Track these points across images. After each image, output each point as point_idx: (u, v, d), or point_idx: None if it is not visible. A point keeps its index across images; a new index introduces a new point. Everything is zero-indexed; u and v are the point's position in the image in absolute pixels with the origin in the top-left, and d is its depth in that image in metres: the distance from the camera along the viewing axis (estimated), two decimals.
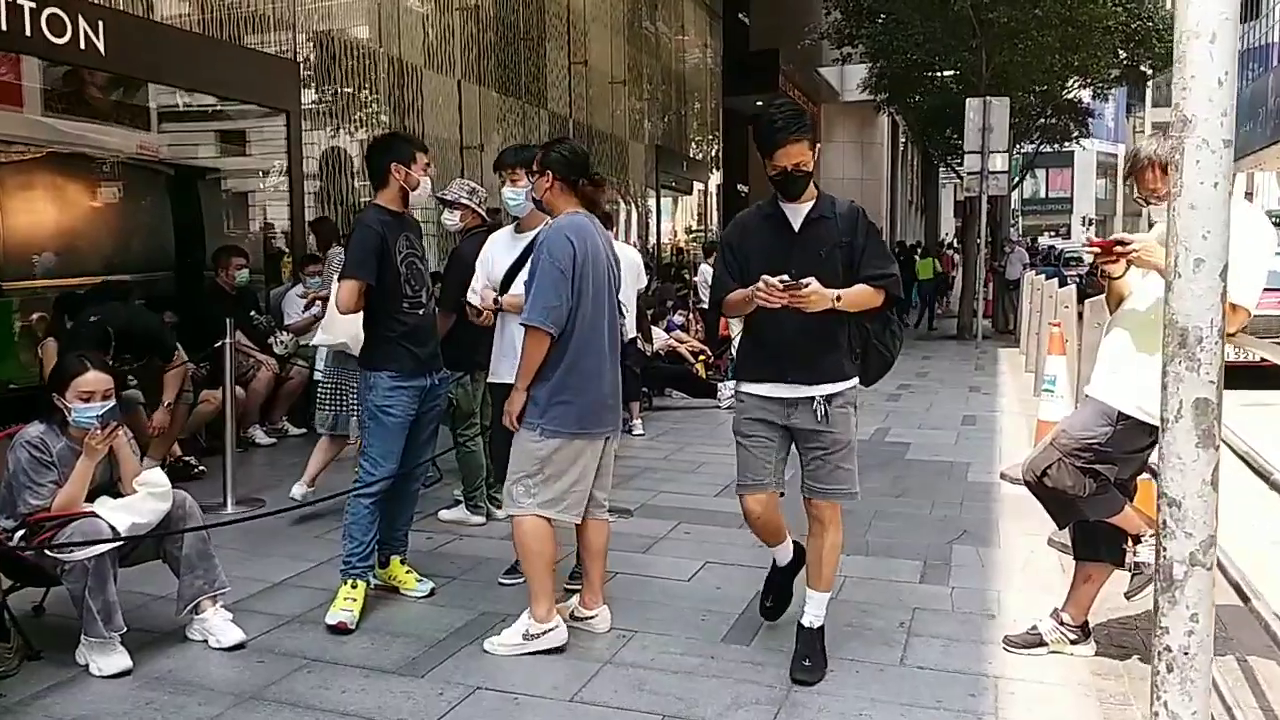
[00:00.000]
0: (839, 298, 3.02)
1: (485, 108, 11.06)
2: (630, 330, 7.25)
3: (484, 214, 4.97)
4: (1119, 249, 3.10)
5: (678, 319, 10.70)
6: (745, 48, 20.63)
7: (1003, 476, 6.03)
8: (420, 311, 3.74)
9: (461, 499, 5.13)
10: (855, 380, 3.26)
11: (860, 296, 3.12)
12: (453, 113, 10.59)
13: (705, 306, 11.18)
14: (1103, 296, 5.81)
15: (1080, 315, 10.43)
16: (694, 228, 20.00)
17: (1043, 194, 67.62)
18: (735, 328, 11.00)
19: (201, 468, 5.96)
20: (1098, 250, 3.17)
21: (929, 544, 4.70)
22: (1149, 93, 66.36)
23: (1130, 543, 3.35)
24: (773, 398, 3.22)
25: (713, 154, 20.75)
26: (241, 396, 6.75)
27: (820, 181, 3.48)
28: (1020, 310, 15.17)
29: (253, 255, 7.63)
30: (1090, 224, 65.67)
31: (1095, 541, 3.42)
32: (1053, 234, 57.40)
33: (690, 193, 19.97)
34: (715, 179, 21.08)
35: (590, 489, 3.47)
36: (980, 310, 15.53)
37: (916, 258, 20.14)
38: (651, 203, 16.92)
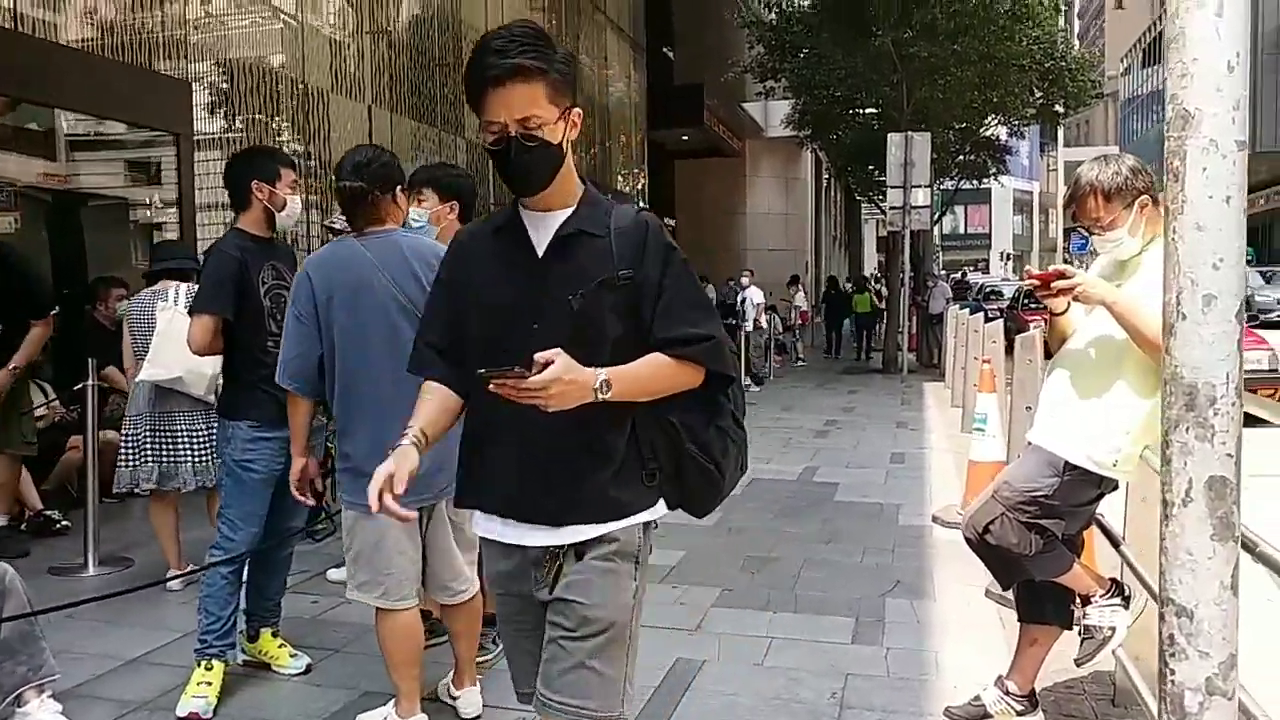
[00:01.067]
0: (605, 384, 1.72)
1: (399, 135, 10.63)
2: None
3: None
4: (1060, 283, 2.83)
5: None
6: (669, 81, 20.56)
7: (935, 520, 5.78)
8: None
9: None
10: (642, 516, 1.94)
11: (650, 376, 1.82)
12: (362, 139, 10.13)
13: None
14: (1033, 333, 5.65)
15: (1009, 350, 10.42)
16: None
17: (962, 229, 69.42)
18: None
19: (65, 523, 5.36)
20: (1036, 284, 2.90)
21: (860, 597, 4.38)
22: (1060, 133, 69.10)
23: (1079, 603, 3.07)
24: (503, 544, 1.93)
25: (638, 188, 20.56)
26: (118, 440, 6.16)
27: (745, 215, 2.98)
28: (944, 344, 15.21)
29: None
30: (1008, 258, 67.59)
31: (1041, 602, 3.13)
32: (971, 268, 58.88)
33: None
34: None
35: (429, 567, 2.99)
36: (905, 344, 15.51)
37: (851, 292, 20.33)
38: None
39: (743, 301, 14.25)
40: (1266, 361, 9.30)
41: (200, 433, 4.34)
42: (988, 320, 10.74)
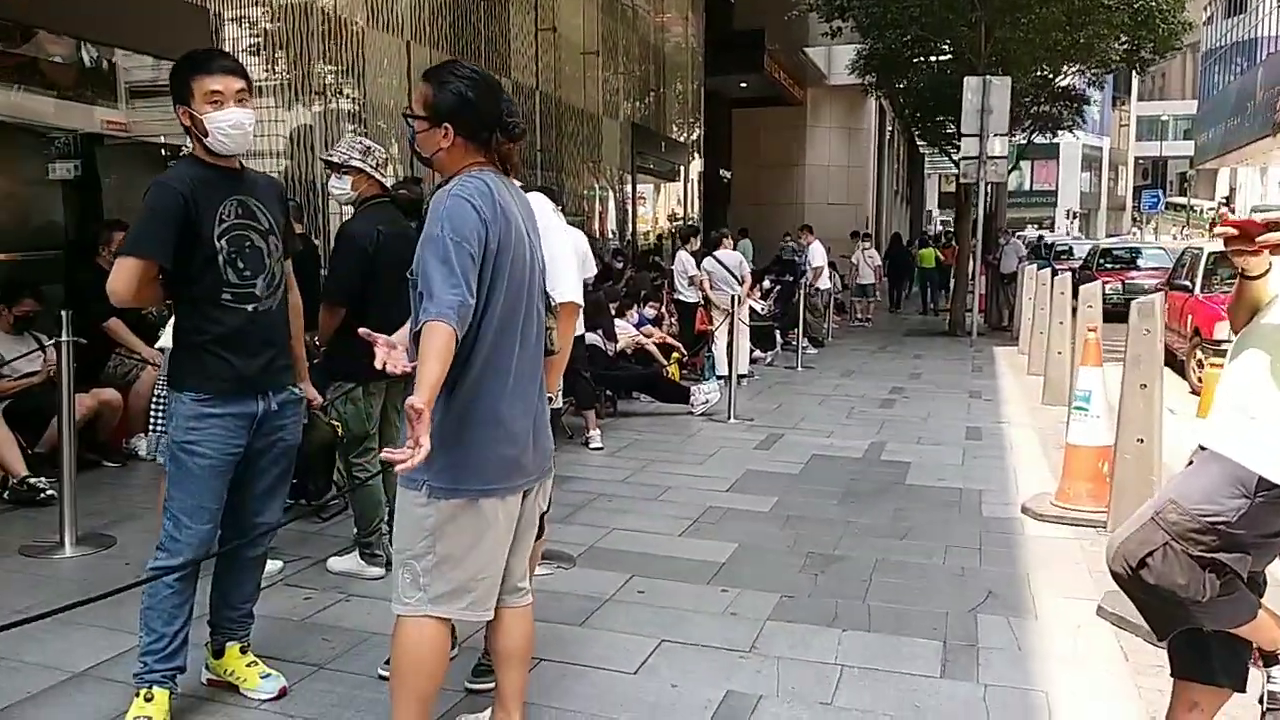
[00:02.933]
0: None
1: None
2: (578, 327, 6.21)
3: (383, 180, 3.90)
4: (1271, 235, 2.07)
5: (648, 312, 9.63)
6: (729, 26, 19.54)
7: (1025, 511, 5.03)
8: (251, 306, 2.66)
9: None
10: None
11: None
12: (400, 77, 9.47)
13: (680, 297, 10.16)
14: (1154, 298, 4.81)
15: (1074, 311, 9.50)
16: (676, 215, 18.92)
17: (1027, 186, 66.93)
18: (717, 320, 10.04)
19: (50, 492, 4.85)
20: (1233, 233, 2.15)
21: (947, 611, 3.68)
22: (1134, 85, 66.00)
23: (1260, 661, 2.35)
24: None
25: (694, 138, 19.66)
26: (118, 401, 5.67)
27: (804, 167, 2.36)
28: (1017, 306, 14.24)
29: None
30: (1075, 217, 65.14)
31: (1207, 656, 2.40)
32: (1037, 226, 56.84)
33: (674, 179, 18.89)
34: (696, 164, 19.99)
35: (506, 568, 2.40)
36: (975, 305, 14.56)
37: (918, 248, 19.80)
38: (628, 186, 15.82)
39: (804, 259, 13.41)
40: None
41: None
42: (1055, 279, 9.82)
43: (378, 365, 2.08)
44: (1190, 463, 2.47)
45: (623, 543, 4.48)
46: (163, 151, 7.17)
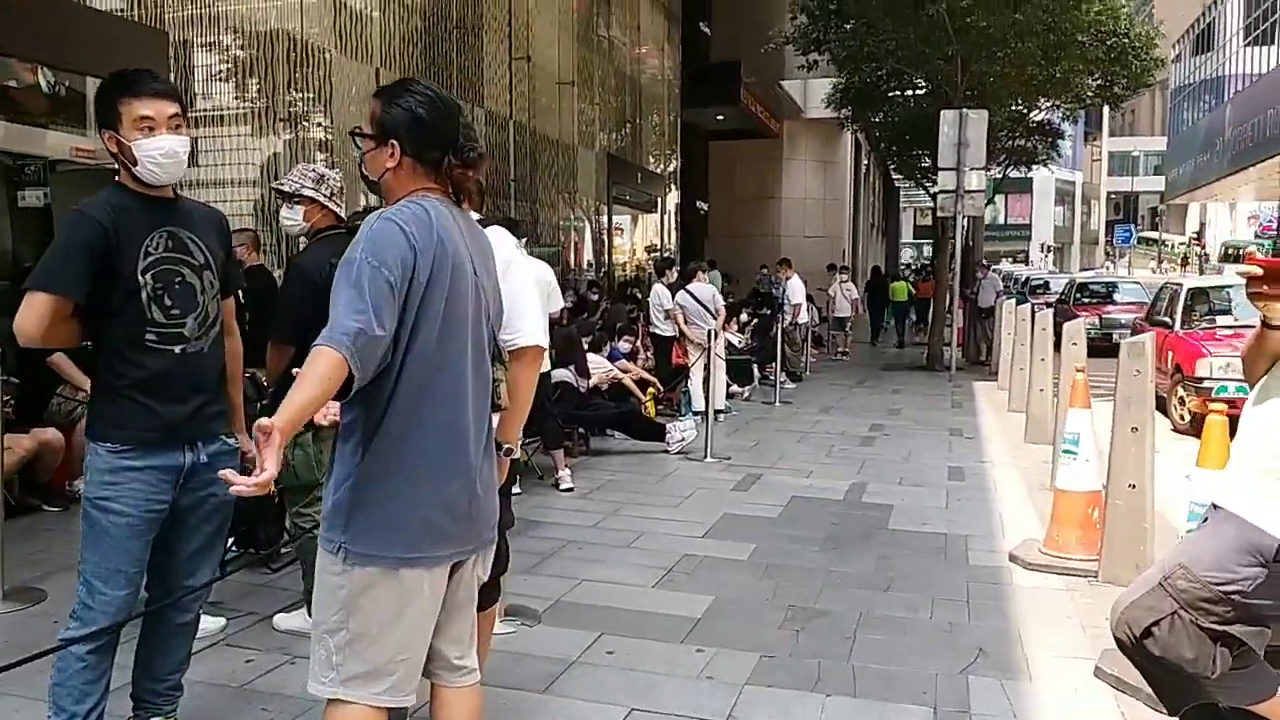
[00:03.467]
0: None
1: None
2: (545, 363, 5.98)
3: (338, 210, 3.68)
4: None
5: (623, 346, 9.42)
6: (706, 58, 19.57)
7: (1013, 559, 4.82)
8: (179, 348, 2.42)
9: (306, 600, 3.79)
10: None
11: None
12: (367, 106, 9.26)
13: (656, 331, 9.97)
14: (1144, 339, 4.63)
15: (1056, 346, 9.36)
16: (653, 247, 18.79)
17: (1002, 219, 67.64)
18: (693, 355, 9.85)
19: None
20: (1258, 272, 1.97)
21: (936, 673, 3.45)
22: (1105, 122, 67.05)
23: None
24: None
25: (670, 170, 19.59)
26: (59, 442, 5.37)
27: (781, 200, 2.20)
28: (995, 341, 14.15)
29: None
30: (1049, 251, 65.83)
31: None
32: (1011, 260, 57.38)
33: (651, 210, 18.78)
34: (673, 196, 19.91)
35: (436, 648, 2.16)
36: (953, 340, 14.46)
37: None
38: (604, 218, 15.67)
39: (783, 293, 13.27)
40: None
41: None
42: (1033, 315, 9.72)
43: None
44: (1204, 520, 2.28)
45: (592, 595, 4.22)
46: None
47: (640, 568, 4.62)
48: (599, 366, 7.88)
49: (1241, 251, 45.75)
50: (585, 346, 7.88)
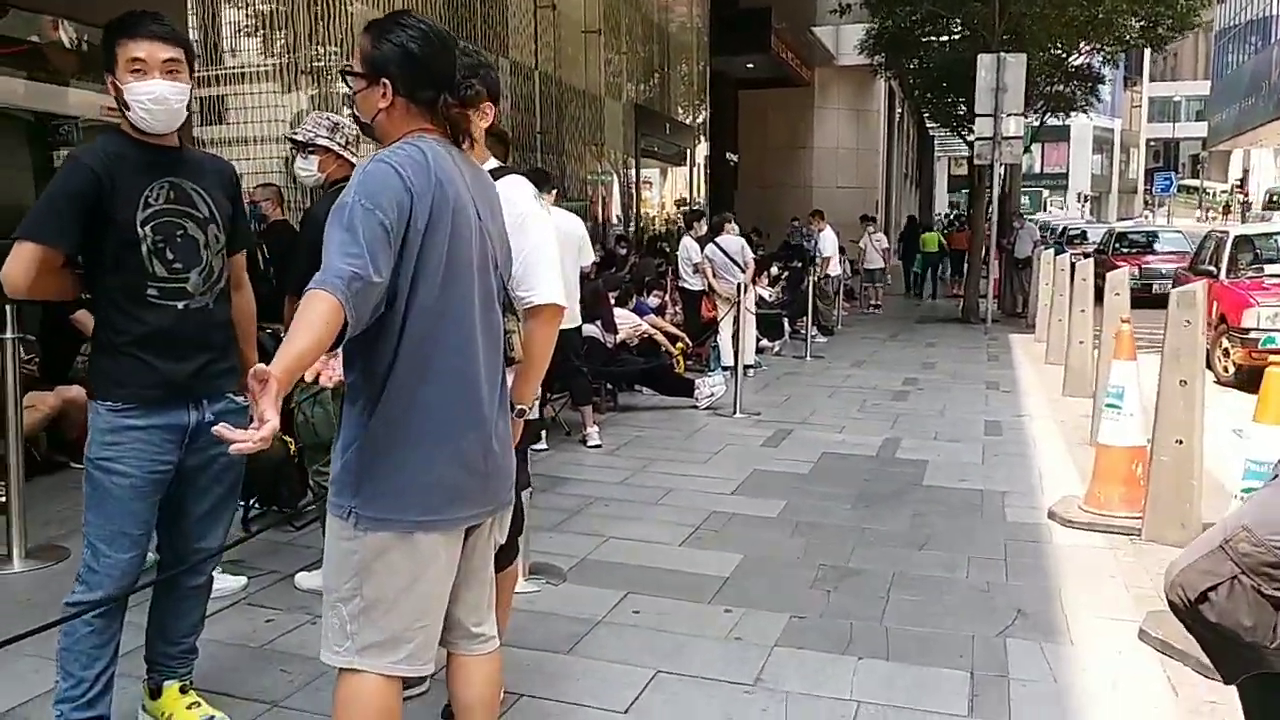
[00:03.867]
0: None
1: None
2: (572, 317, 5.86)
3: (353, 159, 3.56)
4: None
5: (651, 300, 9.29)
6: (735, 4, 19.10)
7: (1052, 516, 4.68)
8: (182, 304, 2.33)
9: None
10: None
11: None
12: None
13: (685, 285, 9.81)
14: (1196, 287, 4.42)
15: (1099, 297, 9.05)
16: (682, 199, 18.52)
17: (1038, 168, 66.24)
18: (722, 309, 9.69)
19: (1, 499, 4.52)
20: None
21: (973, 635, 3.34)
22: (1145, 66, 65.13)
23: None
24: None
25: (699, 120, 19.24)
26: (84, 399, 5.33)
27: (812, 150, 2.01)
28: (1032, 292, 13.84)
29: None
30: (1086, 200, 64.51)
31: None
32: (1045, 210, 56.28)
33: (680, 162, 18.48)
34: (702, 148, 19.57)
35: (453, 615, 2.07)
36: (989, 291, 14.16)
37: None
38: (632, 170, 15.43)
39: (815, 245, 13.04)
40: None
41: None
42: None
43: (308, 376, 1.75)
44: (1275, 477, 2.12)
45: (618, 554, 4.14)
46: None
47: (668, 525, 4.53)
48: (626, 321, 7.76)
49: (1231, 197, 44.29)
50: (612, 301, 7.75)
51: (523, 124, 11.27)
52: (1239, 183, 57.87)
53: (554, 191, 5.94)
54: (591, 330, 6.61)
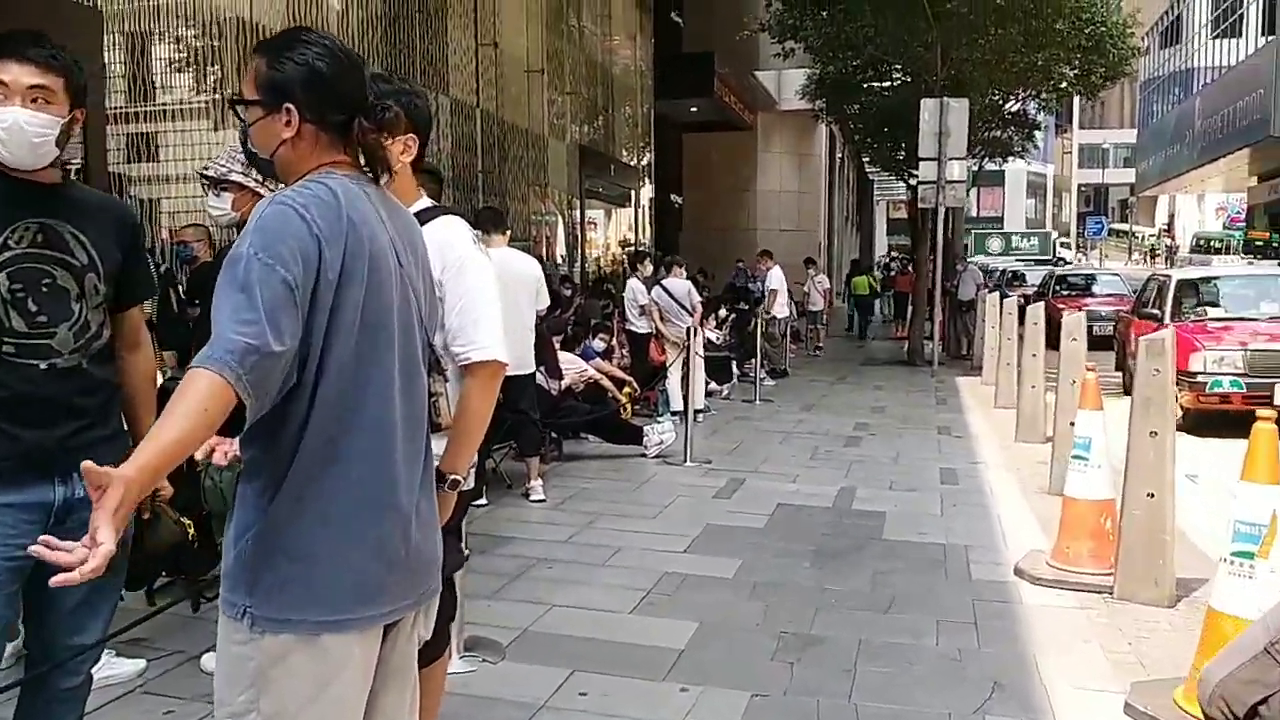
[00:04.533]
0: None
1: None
2: (525, 363, 5.57)
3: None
4: None
5: (597, 344, 9.01)
6: (678, 49, 19.16)
7: (1019, 574, 4.47)
8: (45, 363, 1.99)
9: None
10: None
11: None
12: None
13: (632, 328, 9.58)
14: (1163, 335, 4.27)
15: (1020, 337, 9.02)
16: (627, 241, 18.37)
17: (973, 213, 67.81)
18: (671, 353, 9.46)
19: None
20: None
21: (949, 711, 3.08)
22: (1075, 114, 67.38)
23: None
24: None
25: (644, 162, 19.16)
26: None
27: (756, 193, 1.79)
28: (977, 334, 13.89)
29: None
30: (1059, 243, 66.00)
31: None
32: (985, 254, 57.53)
33: (625, 204, 18.35)
34: (647, 189, 19.49)
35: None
36: (935, 334, 14.17)
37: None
38: (577, 211, 15.22)
39: (763, 284, 12.93)
40: None
41: None
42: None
43: (199, 455, 1.45)
44: None
45: (564, 624, 3.82)
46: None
47: (617, 589, 4.22)
48: (572, 366, 7.47)
49: (1213, 243, 46.14)
50: (557, 345, 7.46)
51: (465, 164, 11.00)
52: (1166, 227, 59.87)
53: (507, 233, 5.67)
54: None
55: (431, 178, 4.09)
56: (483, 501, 5.53)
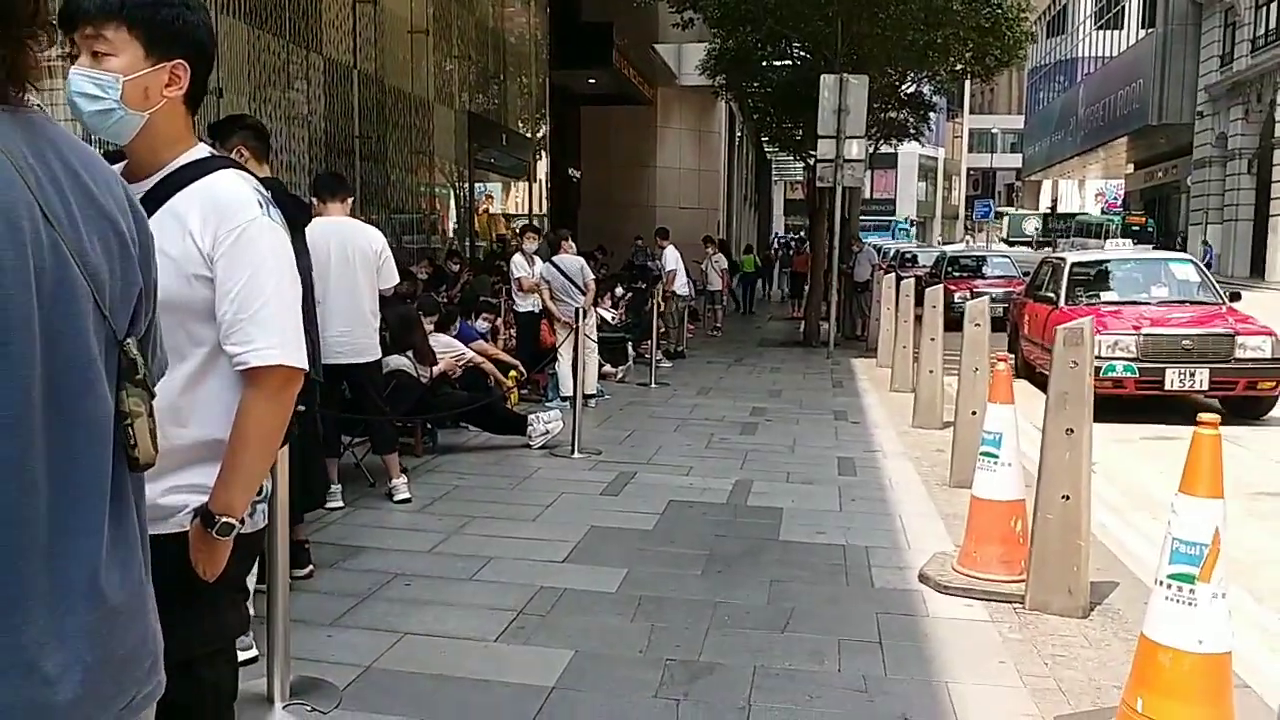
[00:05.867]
0: None
1: (232, 44, 8.41)
2: (367, 349, 4.96)
3: None
4: None
5: (480, 324, 8.42)
6: (576, 19, 18.49)
7: (924, 580, 4.13)
8: None
9: None
10: None
11: None
12: None
13: (517, 308, 9.02)
14: (1082, 324, 3.95)
15: (919, 318, 8.86)
16: (522, 215, 17.69)
17: (867, 194, 69.03)
18: (560, 334, 8.94)
19: None
20: None
21: None
22: (966, 100, 69.17)
23: None
24: None
25: (540, 134, 18.47)
26: None
27: (656, 169, 1.36)
28: (872, 315, 13.79)
29: None
30: (913, 225, 67.60)
31: None
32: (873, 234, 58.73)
33: (520, 176, 17.64)
34: (544, 163, 18.82)
35: None
36: (832, 315, 14.01)
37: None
38: (466, 182, 14.49)
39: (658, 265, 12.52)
40: (1269, 349, 7.98)
41: None
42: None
43: None
44: None
45: (415, 657, 3.28)
46: None
47: (483, 610, 3.70)
48: (448, 349, 6.87)
49: (1093, 227, 48.02)
50: (431, 327, 6.84)
51: (339, 129, 10.19)
52: (1050, 210, 62.05)
53: (348, 200, 5.04)
54: (400, 362, 5.68)
55: (254, 134, 3.49)
56: (338, 505, 4.94)
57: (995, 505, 4.06)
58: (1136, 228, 38.28)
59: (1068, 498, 3.69)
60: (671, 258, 12.43)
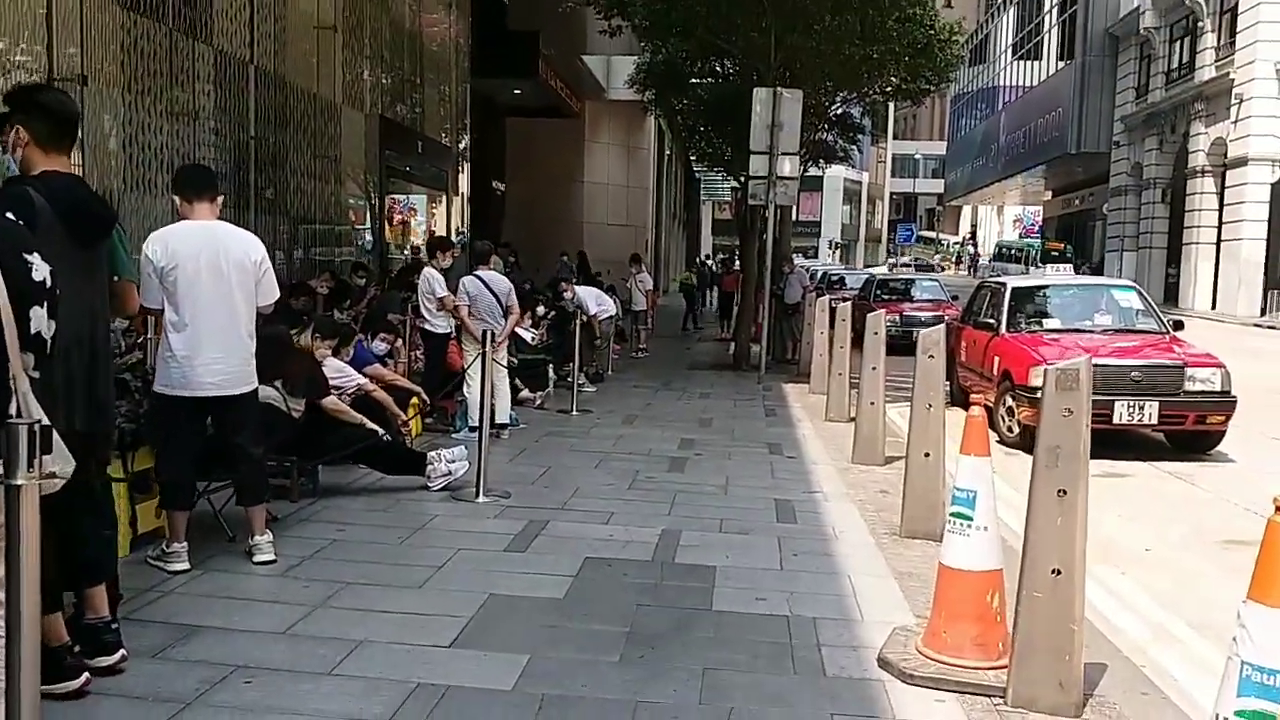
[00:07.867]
0: None
1: (99, 27, 7.44)
2: (243, 378, 4.15)
3: None
4: None
5: (378, 346, 7.57)
6: (501, 25, 17.73)
7: (884, 665, 3.47)
8: None
9: None
10: None
11: None
12: (37, 26, 6.93)
13: (428, 327, 8.20)
14: (1079, 365, 3.24)
15: (856, 342, 8.35)
16: (440, 228, 16.76)
17: (794, 216, 69.48)
18: (468, 356, 8.12)
19: None
20: None
21: None
22: (890, 125, 70.21)
23: None
24: None
25: (461, 145, 17.61)
26: None
27: (584, 184, 0.81)
28: (804, 338, 13.28)
29: None
30: (836, 247, 68.27)
31: None
32: (801, 256, 59.09)
33: (438, 187, 16.73)
34: (465, 175, 17.95)
35: None
36: (763, 339, 13.44)
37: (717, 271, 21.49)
38: (377, 192, 13.56)
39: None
40: (1219, 381, 7.61)
41: None
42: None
43: None
44: None
45: None
46: None
47: (351, 706, 2.90)
48: (339, 374, 6.02)
49: (1013, 251, 48.95)
50: (328, 351, 5.98)
51: (232, 128, 9.26)
52: (970, 235, 63.29)
53: (218, 200, 4.21)
54: (269, 394, 4.81)
55: (41, 114, 2.77)
56: (182, 567, 4.07)
57: (968, 576, 3.42)
58: (1056, 253, 39.01)
59: (1059, 572, 3.08)
60: (590, 297, 11.84)
